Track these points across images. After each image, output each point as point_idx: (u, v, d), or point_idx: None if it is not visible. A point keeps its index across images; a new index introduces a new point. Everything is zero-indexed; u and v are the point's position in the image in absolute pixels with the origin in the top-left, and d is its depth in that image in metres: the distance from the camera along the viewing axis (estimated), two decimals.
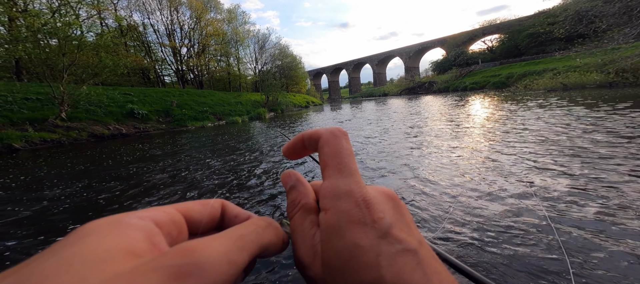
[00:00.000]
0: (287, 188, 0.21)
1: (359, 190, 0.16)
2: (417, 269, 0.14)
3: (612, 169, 2.40)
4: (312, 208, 0.19)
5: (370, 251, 0.14)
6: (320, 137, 0.19)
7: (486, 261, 1.46)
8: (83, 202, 2.94)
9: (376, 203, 0.16)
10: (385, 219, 0.16)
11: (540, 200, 2.00)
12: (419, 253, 0.15)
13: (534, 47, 30.02)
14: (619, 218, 1.68)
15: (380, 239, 0.15)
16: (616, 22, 14.02)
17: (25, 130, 8.73)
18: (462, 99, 14.31)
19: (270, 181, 3.23)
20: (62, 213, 2.64)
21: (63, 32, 10.18)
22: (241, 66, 35.41)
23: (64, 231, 2.25)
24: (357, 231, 0.15)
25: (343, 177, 0.17)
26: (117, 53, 17.26)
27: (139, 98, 14.78)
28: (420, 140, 4.68)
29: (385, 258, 0.14)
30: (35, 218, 2.57)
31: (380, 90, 46.69)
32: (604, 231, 1.59)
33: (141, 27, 26.74)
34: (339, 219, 0.16)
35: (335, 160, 0.18)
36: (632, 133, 3.46)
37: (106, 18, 22.60)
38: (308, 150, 0.20)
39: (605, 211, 1.78)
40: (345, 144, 0.19)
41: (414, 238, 0.16)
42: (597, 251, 1.44)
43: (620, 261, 1.35)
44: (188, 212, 0.16)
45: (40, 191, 3.45)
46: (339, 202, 0.16)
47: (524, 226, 1.73)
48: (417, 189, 2.50)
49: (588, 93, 10.01)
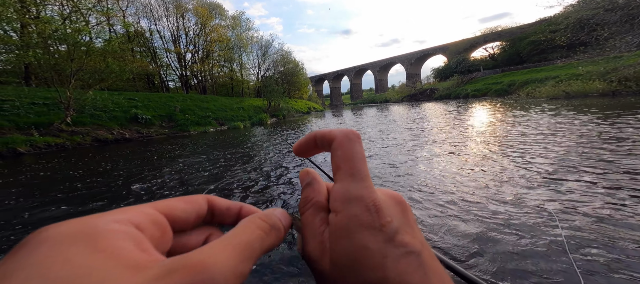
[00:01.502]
0: (304, 185, 0.21)
1: (369, 195, 0.17)
2: (419, 270, 0.15)
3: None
4: (323, 206, 0.19)
5: (377, 253, 0.15)
6: (334, 138, 0.19)
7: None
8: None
9: (385, 208, 0.17)
10: (393, 223, 0.17)
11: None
12: (422, 255, 0.16)
13: (535, 54, 30.05)
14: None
15: (387, 243, 0.16)
16: (618, 30, 14.02)
17: (31, 134, 8.87)
18: (465, 107, 14.28)
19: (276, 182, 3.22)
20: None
21: (73, 38, 10.46)
22: (244, 72, 35.91)
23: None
24: (366, 235, 0.16)
25: (355, 182, 0.18)
26: (124, 58, 17.64)
27: (143, 103, 15.00)
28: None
29: (390, 260, 0.15)
30: None
31: (382, 97, 46.85)
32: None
33: (148, 33, 27.43)
34: (349, 222, 0.17)
35: (348, 164, 0.18)
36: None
37: (115, 24, 23.21)
38: (319, 149, 0.21)
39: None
40: (358, 148, 0.19)
41: (417, 241, 0.17)
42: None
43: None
44: (170, 211, 0.15)
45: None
46: (350, 206, 0.17)
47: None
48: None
49: (591, 102, 9.95)
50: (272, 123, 18.88)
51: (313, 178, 0.21)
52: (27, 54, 9.84)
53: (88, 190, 3.72)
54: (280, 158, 4.98)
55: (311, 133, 0.21)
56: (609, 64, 14.11)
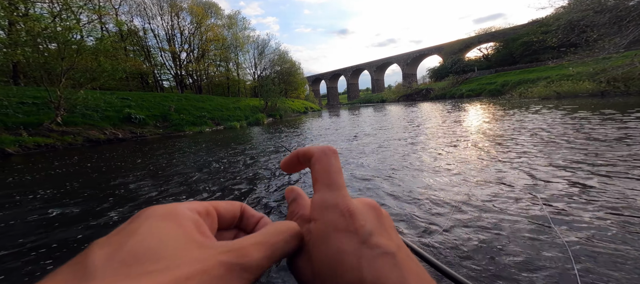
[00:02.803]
0: (289, 201, 0.24)
1: (344, 202, 0.19)
2: (394, 269, 0.16)
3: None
4: (308, 218, 0.21)
5: (352, 255, 0.16)
6: (312, 154, 0.21)
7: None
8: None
9: (359, 213, 0.18)
10: (366, 226, 0.18)
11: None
12: (397, 256, 0.16)
13: (528, 55, 30.63)
14: None
15: (362, 245, 0.17)
16: (606, 31, 14.40)
17: (20, 134, 8.64)
18: (461, 107, 14.47)
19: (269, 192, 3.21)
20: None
21: (63, 37, 10.21)
22: (240, 71, 35.63)
23: None
24: (341, 238, 0.17)
25: (331, 191, 0.19)
26: (117, 57, 17.31)
27: (136, 103, 14.76)
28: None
29: (366, 260, 0.16)
30: None
31: (378, 97, 47.07)
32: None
33: (141, 32, 26.95)
34: (326, 227, 0.18)
35: (324, 176, 0.20)
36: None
37: (107, 22, 22.75)
38: (302, 165, 0.23)
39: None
40: (334, 162, 0.21)
41: (392, 243, 0.17)
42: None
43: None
44: (218, 209, 0.19)
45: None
46: (326, 213, 0.18)
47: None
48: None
49: (581, 101, 10.19)
50: (268, 123, 18.77)
51: (297, 194, 0.24)
52: (15, 52, 9.58)
53: (79, 190, 3.64)
54: (278, 158, 4.97)
55: (294, 151, 0.23)
56: (598, 65, 14.48)
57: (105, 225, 2.47)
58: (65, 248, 2.10)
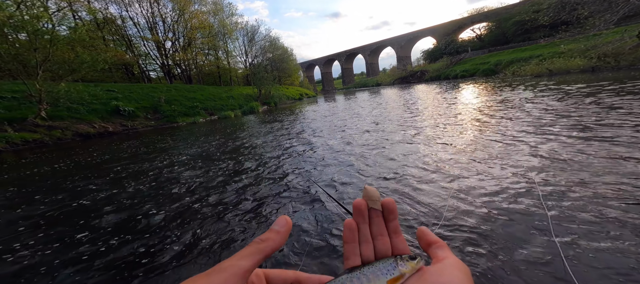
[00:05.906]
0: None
1: None
2: None
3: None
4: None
5: None
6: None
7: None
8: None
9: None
10: None
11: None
12: None
13: (520, 34, 30.67)
14: None
15: None
16: (597, 9, 14.48)
17: (5, 130, 8.16)
18: (456, 88, 14.53)
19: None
20: None
21: (31, 26, 9.37)
22: (231, 60, 34.25)
23: None
24: None
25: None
26: (95, 47, 16.21)
27: (123, 95, 14.08)
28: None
29: None
30: None
31: (374, 81, 46.68)
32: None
33: (119, 21, 25.09)
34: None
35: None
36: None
37: (79, 10, 21.00)
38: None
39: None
40: None
41: None
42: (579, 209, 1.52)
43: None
44: (268, 276, 0.25)
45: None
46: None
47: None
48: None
49: (572, 78, 10.40)
50: (263, 111, 18.42)
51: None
52: None
53: (73, 188, 3.51)
54: (280, 152, 4.90)
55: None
56: (589, 42, 14.66)
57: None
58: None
